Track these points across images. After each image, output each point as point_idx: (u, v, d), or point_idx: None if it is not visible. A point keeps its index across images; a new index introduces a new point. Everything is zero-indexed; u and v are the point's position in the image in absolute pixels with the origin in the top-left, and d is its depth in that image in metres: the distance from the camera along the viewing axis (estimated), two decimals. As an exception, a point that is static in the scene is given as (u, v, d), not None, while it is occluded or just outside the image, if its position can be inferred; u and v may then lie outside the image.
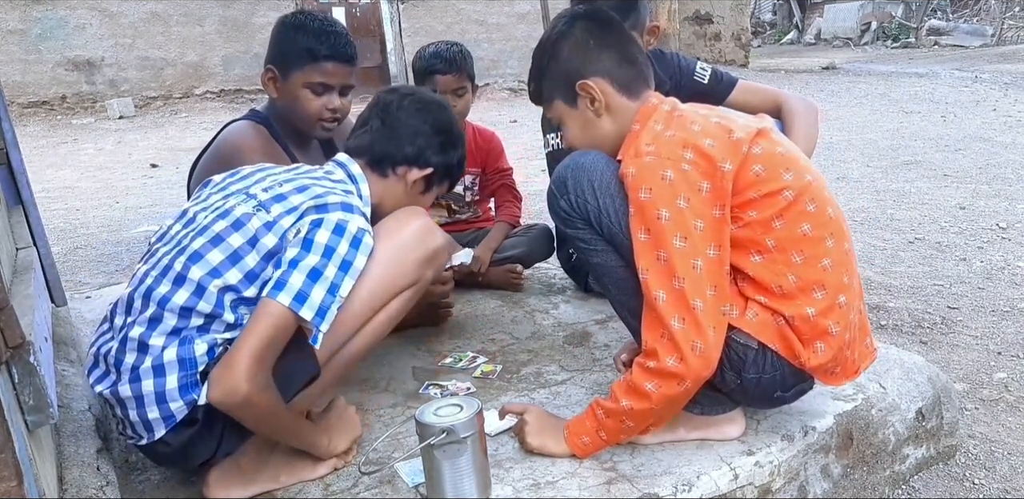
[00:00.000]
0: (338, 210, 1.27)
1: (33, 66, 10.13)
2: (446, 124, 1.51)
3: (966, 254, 3.23)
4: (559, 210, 1.34)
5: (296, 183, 1.33)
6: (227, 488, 1.31)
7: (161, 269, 1.26)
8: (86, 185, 5.80)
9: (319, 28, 1.77)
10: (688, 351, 1.18)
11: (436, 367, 1.85)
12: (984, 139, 5.96)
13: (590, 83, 1.35)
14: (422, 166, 1.48)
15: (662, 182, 1.21)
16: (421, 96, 1.52)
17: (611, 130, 1.38)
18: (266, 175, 1.39)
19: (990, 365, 2.19)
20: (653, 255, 1.21)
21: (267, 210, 1.27)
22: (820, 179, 1.32)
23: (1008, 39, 17.26)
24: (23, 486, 0.85)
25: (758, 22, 24.79)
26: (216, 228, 1.27)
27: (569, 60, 1.37)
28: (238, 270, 1.24)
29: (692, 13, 14.70)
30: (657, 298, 1.20)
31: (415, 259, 1.38)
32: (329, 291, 1.22)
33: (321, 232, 1.23)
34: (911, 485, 1.63)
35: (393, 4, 12.12)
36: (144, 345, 1.22)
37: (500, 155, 2.60)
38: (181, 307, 1.22)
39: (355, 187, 1.42)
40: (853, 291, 1.29)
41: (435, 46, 2.38)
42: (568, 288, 2.41)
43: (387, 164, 1.47)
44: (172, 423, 1.22)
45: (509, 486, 1.30)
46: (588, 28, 1.38)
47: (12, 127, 2.02)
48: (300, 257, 1.21)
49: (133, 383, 1.21)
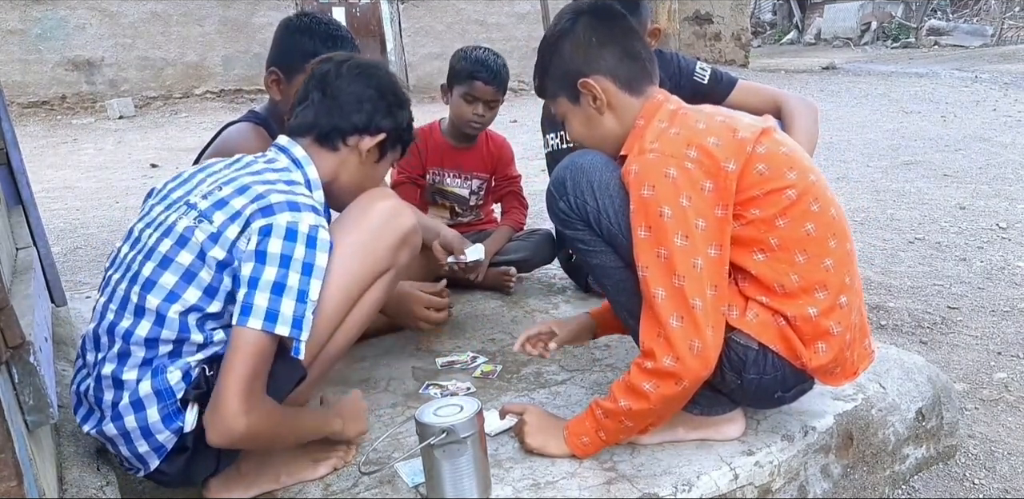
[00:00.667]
0: (284, 211, 1.20)
1: (33, 66, 10.13)
2: (389, 85, 1.43)
3: (966, 254, 3.23)
4: (558, 211, 1.34)
5: (236, 183, 1.26)
6: (228, 490, 1.31)
7: (119, 302, 1.23)
8: (86, 185, 5.80)
9: (325, 31, 1.77)
10: (685, 351, 1.18)
11: (436, 367, 1.85)
12: (984, 139, 5.96)
13: (591, 82, 1.35)
14: (373, 132, 1.39)
15: (665, 180, 1.21)
16: (358, 61, 1.43)
17: (614, 127, 1.38)
18: (206, 175, 1.32)
19: (990, 365, 2.19)
20: (653, 252, 1.21)
21: (209, 220, 1.21)
22: (823, 180, 1.32)
23: (1008, 39, 17.25)
24: (23, 486, 0.85)
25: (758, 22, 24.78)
26: (162, 249, 1.21)
27: (571, 58, 1.37)
28: (195, 288, 1.19)
29: (692, 13, 14.70)
30: (656, 296, 1.20)
31: (386, 245, 1.35)
32: (298, 300, 1.17)
33: (273, 241, 1.17)
34: (911, 485, 1.63)
35: (393, 4, 12.12)
36: (119, 381, 1.20)
37: (510, 162, 2.61)
38: (146, 339, 1.19)
39: (300, 172, 1.35)
40: (854, 292, 1.29)
41: (483, 52, 2.36)
42: (568, 288, 2.41)
43: (336, 137, 1.38)
44: (163, 453, 1.21)
45: (509, 486, 1.30)
46: (591, 24, 1.37)
47: (12, 127, 2.02)
48: (257, 273, 1.15)
49: (116, 421, 1.20)
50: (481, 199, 2.60)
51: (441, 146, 2.51)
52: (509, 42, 12.55)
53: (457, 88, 2.37)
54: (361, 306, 1.35)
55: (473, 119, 2.38)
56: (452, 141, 2.51)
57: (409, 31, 12.10)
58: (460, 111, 2.39)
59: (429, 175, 2.53)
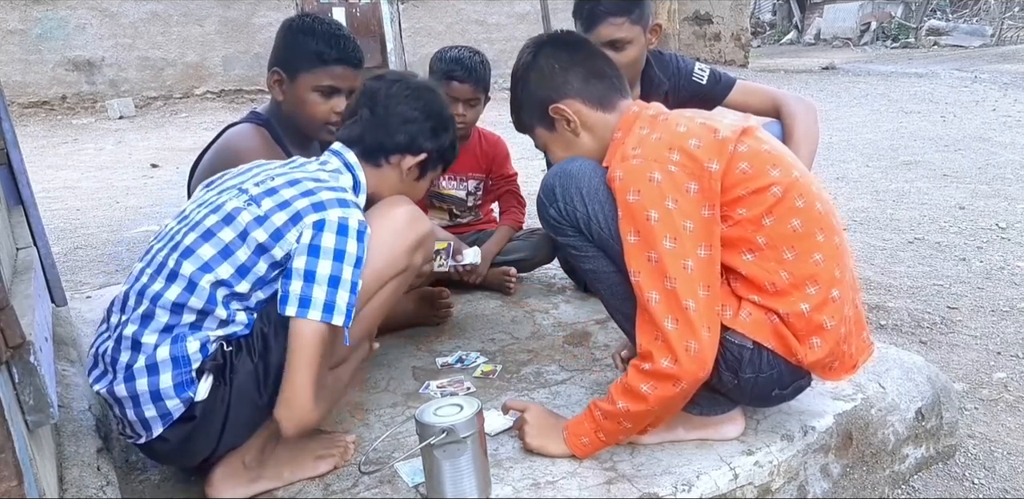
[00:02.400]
0: (335, 207, 1.27)
1: (33, 66, 10.13)
2: (436, 108, 1.50)
3: (966, 254, 3.23)
4: (549, 218, 1.35)
5: (288, 176, 1.33)
6: (231, 487, 1.32)
7: (156, 266, 1.28)
8: (86, 185, 5.80)
9: (327, 32, 1.78)
10: (682, 352, 1.18)
11: (436, 367, 1.85)
12: (983, 139, 5.96)
13: (561, 106, 1.38)
14: (415, 153, 1.46)
15: (650, 184, 1.22)
16: (409, 82, 1.50)
17: (592, 145, 1.40)
18: (261, 170, 1.40)
19: (990, 365, 2.19)
20: (644, 257, 1.22)
21: (258, 204, 1.28)
22: (807, 175, 1.33)
23: (1008, 39, 17.25)
24: (23, 486, 0.85)
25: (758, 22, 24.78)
26: (207, 223, 1.28)
27: (538, 87, 1.41)
28: (229, 264, 1.25)
29: (692, 13, 14.69)
30: (650, 300, 1.21)
31: (403, 247, 1.39)
32: (351, 291, 1.23)
33: (326, 236, 1.23)
34: (911, 485, 1.63)
35: (393, 4, 12.12)
36: (137, 343, 1.23)
37: (505, 160, 2.60)
38: (173, 303, 1.23)
39: (351, 175, 1.42)
40: (845, 285, 1.29)
41: (457, 51, 2.34)
42: (568, 288, 2.41)
43: (380, 154, 1.45)
44: (169, 421, 1.23)
45: (509, 486, 1.30)
46: (551, 54, 1.41)
47: (12, 127, 2.02)
48: (312, 266, 1.21)
49: (128, 382, 1.22)
50: (479, 199, 2.59)
51: None
52: (509, 42, 12.54)
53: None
54: (376, 302, 1.39)
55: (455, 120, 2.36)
56: None
57: (409, 31, 12.10)
58: None
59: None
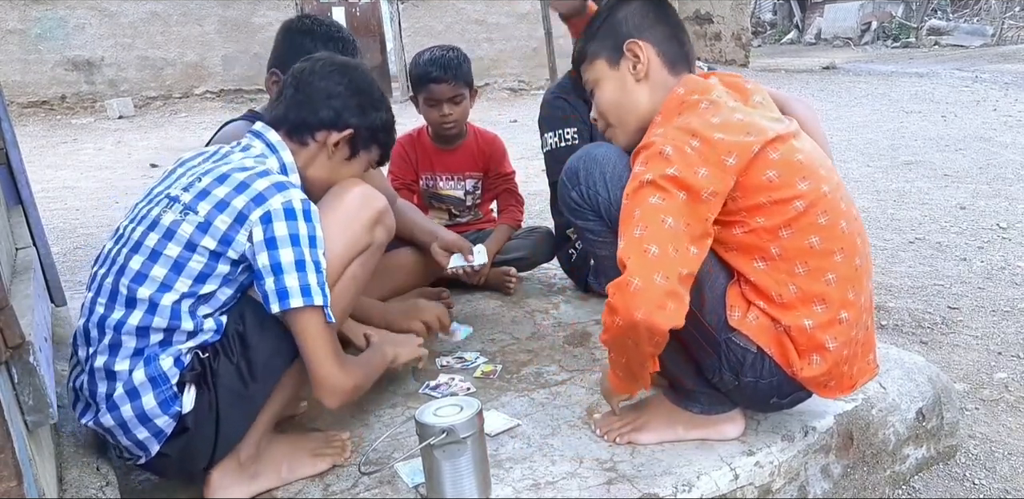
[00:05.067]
0: (274, 194, 1.24)
1: (33, 66, 10.14)
2: (363, 85, 1.44)
3: (966, 254, 3.22)
4: (570, 201, 1.33)
5: (215, 173, 1.29)
6: (229, 487, 1.31)
7: (108, 295, 1.25)
8: (86, 185, 5.80)
9: (326, 33, 1.77)
10: (624, 285, 1.14)
11: (436, 367, 1.85)
12: (984, 139, 5.96)
13: (640, 43, 1.34)
14: (341, 128, 1.40)
15: (659, 156, 1.19)
16: (334, 59, 1.46)
17: (644, 101, 1.36)
18: (185, 169, 1.35)
19: (990, 365, 2.19)
20: (630, 211, 1.19)
21: (195, 211, 1.24)
22: (838, 190, 1.28)
23: (1008, 39, 17.24)
24: (23, 486, 0.85)
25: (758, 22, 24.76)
26: (149, 243, 1.24)
27: (625, 22, 1.37)
28: (186, 277, 1.23)
29: (692, 13, 14.69)
30: (619, 242, 1.18)
31: (361, 224, 1.40)
32: (316, 270, 1.23)
33: (277, 226, 1.22)
34: (911, 485, 1.63)
35: (393, 4, 12.12)
36: (111, 372, 1.22)
37: (503, 159, 2.59)
38: (137, 328, 1.22)
39: (276, 156, 1.38)
40: (859, 308, 1.27)
41: (430, 52, 2.33)
42: (568, 288, 2.41)
43: (304, 131, 1.40)
44: (163, 437, 1.24)
45: (509, 486, 1.30)
46: (647, 2, 1.38)
47: (12, 127, 2.01)
48: (275, 259, 1.21)
49: (112, 412, 1.22)
50: (478, 199, 2.59)
51: (429, 151, 2.51)
52: (509, 42, 12.55)
53: (419, 95, 2.37)
54: (345, 282, 1.38)
55: (443, 121, 2.37)
56: (438, 144, 2.50)
57: (409, 31, 12.10)
58: (429, 116, 2.40)
59: (422, 180, 2.53)
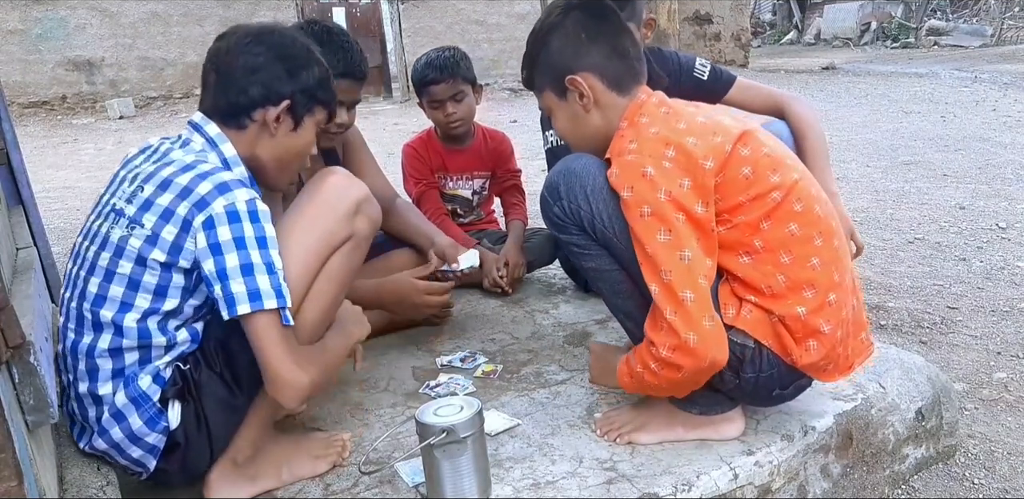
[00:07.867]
0: (216, 197, 1.18)
1: (33, 66, 10.14)
2: (284, 47, 1.32)
3: (966, 254, 3.22)
4: (552, 216, 1.35)
5: (157, 178, 1.22)
6: (228, 488, 1.31)
7: (75, 320, 1.25)
8: (86, 185, 5.79)
9: (334, 44, 1.75)
10: (682, 343, 1.19)
11: (436, 367, 1.85)
12: (984, 139, 5.95)
13: (579, 79, 1.35)
14: (276, 102, 1.30)
15: (643, 179, 1.22)
16: (248, 30, 1.34)
17: (599, 126, 1.38)
18: (127, 173, 1.29)
19: (990, 365, 2.19)
20: (644, 251, 1.22)
21: (141, 225, 1.20)
22: (807, 177, 1.32)
23: (1008, 39, 17.24)
24: (23, 486, 0.85)
25: (758, 22, 24.76)
26: (102, 263, 1.22)
27: (560, 53, 1.37)
28: (144, 293, 1.20)
29: (692, 13, 14.68)
30: (653, 292, 1.22)
31: (337, 215, 1.35)
32: (269, 273, 1.17)
33: (220, 231, 1.17)
34: (911, 485, 1.63)
35: (393, 4, 12.12)
36: (96, 397, 1.23)
37: (510, 156, 2.62)
38: (109, 350, 1.21)
39: (216, 151, 1.30)
40: (844, 288, 1.29)
41: (426, 56, 2.37)
42: (568, 288, 2.41)
43: (240, 115, 1.30)
44: (158, 453, 1.25)
45: (509, 486, 1.30)
46: (581, 20, 1.36)
47: (12, 127, 2.02)
48: (221, 265, 1.16)
49: (103, 435, 1.23)
50: (483, 198, 2.61)
51: (440, 151, 2.53)
52: (509, 42, 12.55)
53: (422, 99, 2.41)
54: (327, 274, 1.33)
55: (448, 120, 2.39)
56: (448, 144, 2.52)
57: (409, 31, 12.10)
58: (434, 118, 2.44)
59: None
